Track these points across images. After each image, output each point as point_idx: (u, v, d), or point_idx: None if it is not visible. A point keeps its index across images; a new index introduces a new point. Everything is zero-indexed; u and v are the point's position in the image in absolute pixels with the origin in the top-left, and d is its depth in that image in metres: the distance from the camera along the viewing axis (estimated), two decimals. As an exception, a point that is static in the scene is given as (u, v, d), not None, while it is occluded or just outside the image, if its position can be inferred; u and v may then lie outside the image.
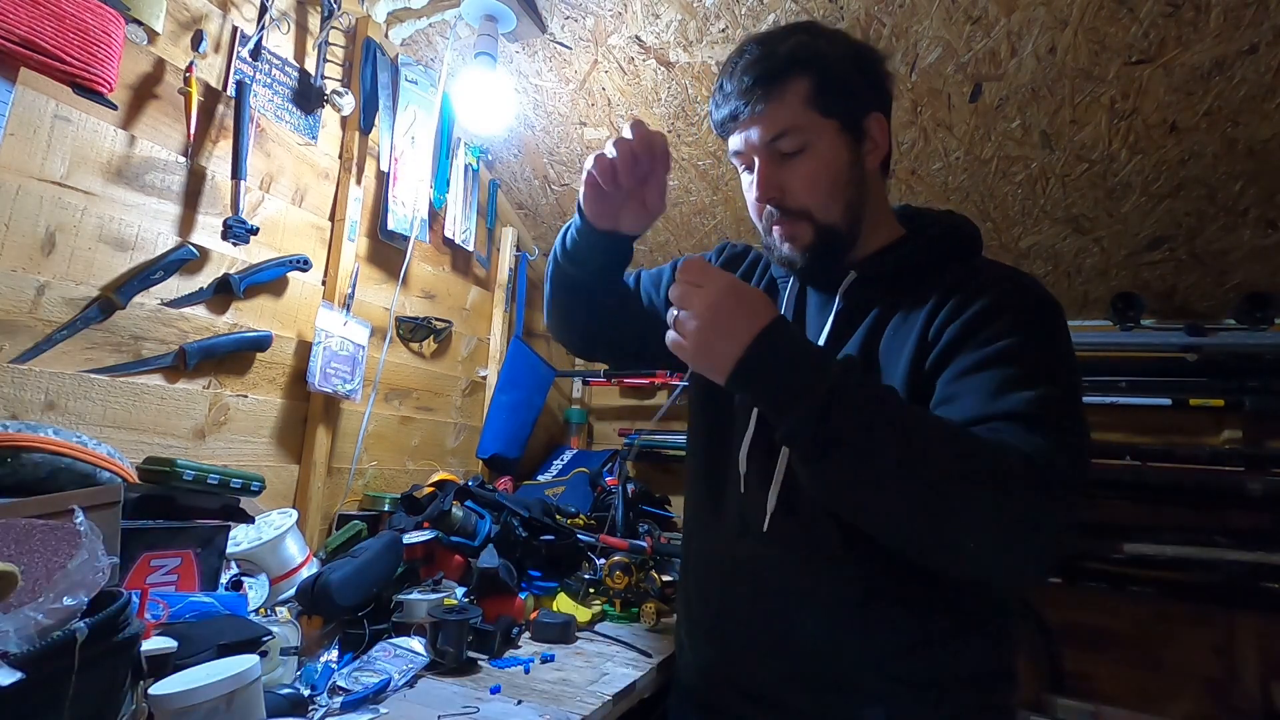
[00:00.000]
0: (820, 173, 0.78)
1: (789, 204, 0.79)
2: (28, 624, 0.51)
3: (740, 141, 0.80)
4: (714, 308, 0.63)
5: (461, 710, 0.83)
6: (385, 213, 1.56)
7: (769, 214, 0.81)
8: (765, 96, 0.76)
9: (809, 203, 0.78)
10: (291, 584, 1.05)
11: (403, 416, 1.67)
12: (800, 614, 0.76)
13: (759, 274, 0.99)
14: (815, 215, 0.79)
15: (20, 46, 0.90)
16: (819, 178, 0.78)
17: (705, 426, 0.93)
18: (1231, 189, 1.41)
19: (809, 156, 0.77)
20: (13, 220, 0.95)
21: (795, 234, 0.80)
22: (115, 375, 1.06)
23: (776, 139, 0.77)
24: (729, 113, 0.79)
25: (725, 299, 0.63)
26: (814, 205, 0.79)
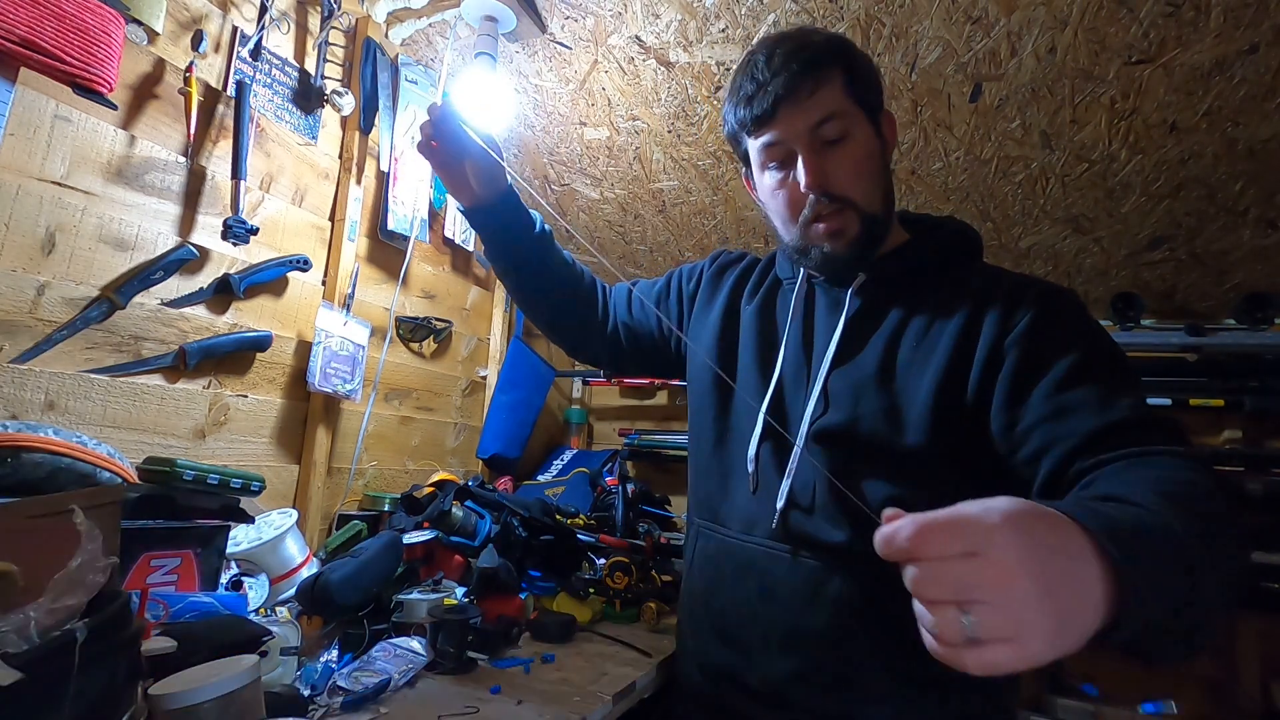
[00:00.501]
0: (863, 159, 0.78)
1: (835, 190, 0.77)
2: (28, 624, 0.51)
3: (779, 132, 0.78)
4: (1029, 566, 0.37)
5: (461, 710, 0.83)
6: (385, 213, 1.56)
7: (814, 204, 0.78)
8: (814, 83, 0.76)
9: (854, 190, 0.78)
10: (291, 584, 1.05)
11: (403, 416, 1.67)
12: (808, 612, 0.76)
13: (757, 277, 0.99)
14: (860, 203, 0.78)
15: (20, 46, 0.90)
16: (862, 164, 0.78)
17: (709, 427, 0.93)
18: (1231, 189, 1.41)
19: (851, 144, 0.77)
20: (13, 220, 0.95)
21: (843, 226, 0.79)
22: (115, 375, 1.06)
23: (822, 124, 0.76)
24: (770, 102, 0.76)
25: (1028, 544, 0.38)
26: (859, 193, 0.78)
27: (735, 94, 0.81)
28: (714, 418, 0.92)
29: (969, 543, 0.37)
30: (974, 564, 0.37)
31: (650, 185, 1.84)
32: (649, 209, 1.92)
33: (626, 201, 1.92)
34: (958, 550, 0.37)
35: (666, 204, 1.89)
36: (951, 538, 0.38)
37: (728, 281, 1.01)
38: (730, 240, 1.94)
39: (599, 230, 2.07)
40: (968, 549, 0.37)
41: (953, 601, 0.38)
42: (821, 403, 0.80)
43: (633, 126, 1.69)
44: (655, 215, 1.94)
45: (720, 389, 0.91)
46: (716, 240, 1.95)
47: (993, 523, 0.38)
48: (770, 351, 0.89)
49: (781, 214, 0.83)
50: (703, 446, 0.94)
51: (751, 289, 0.98)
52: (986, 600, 0.37)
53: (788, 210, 0.81)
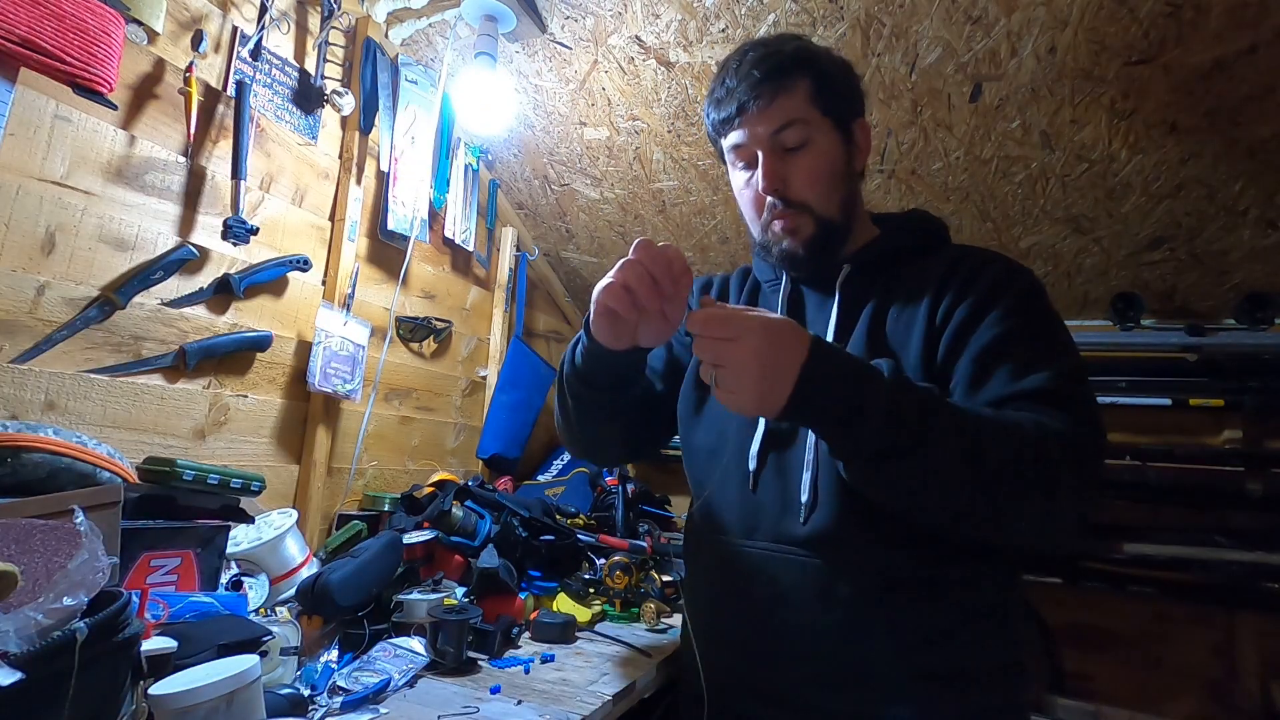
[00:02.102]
0: (822, 167, 0.82)
1: (791, 196, 0.82)
2: (28, 624, 0.51)
3: (743, 135, 0.83)
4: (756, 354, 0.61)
5: (461, 710, 0.83)
6: (385, 213, 1.56)
7: (771, 206, 0.83)
8: (773, 90, 0.80)
9: (810, 195, 0.82)
10: (291, 584, 1.05)
11: (403, 416, 1.67)
12: (820, 612, 0.75)
13: (735, 288, 1.01)
14: (815, 208, 0.82)
15: (20, 46, 0.90)
16: (820, 172, 0.82)
17: (706, 428, 0.92)
18: (1231, 189, 1.41)
19: (811, 151, 0.81)
20: (13, 220, 0.95)
21: (797, 226, 0.83)
22: (115, 375, 1.06)
23: (782, 130, 0.80)
24: (735, 108, 0.82)
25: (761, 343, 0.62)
26: (814, 198, 0.82)
27: (710, 96, 0.86)
28: (705, 427, 0.92)
29: (731, 331, 0.62)
30: (728, 344, 0.62)
31: (650, 185, 1.84)
32: (649, 209, 1.92)
33: (626, 201, 1.92)
34: (723, 334, 0.62)
35: (666, 204, 1.89)
36: (722, 326, 0.63)
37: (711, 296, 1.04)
38: (730, 240, 1.94)
39: (599, 230, 2.07)
40: (729, 335, 0.62)
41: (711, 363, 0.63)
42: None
43: (633, 126, 1.69)
44: (655, 215, 1.94)
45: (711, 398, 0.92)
46: (716, 240, 1.95)
47: (750, 322, 0.62)
48: None
49: (747, 212, 0.88)
50: (697, 458, 0.94)
51: (732, 299, 1.00)
52: (726, 365, 0.62)
53: (752, 209, 0.87)
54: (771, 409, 0.63)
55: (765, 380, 0.62)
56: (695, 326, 0.64)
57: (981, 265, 0.81)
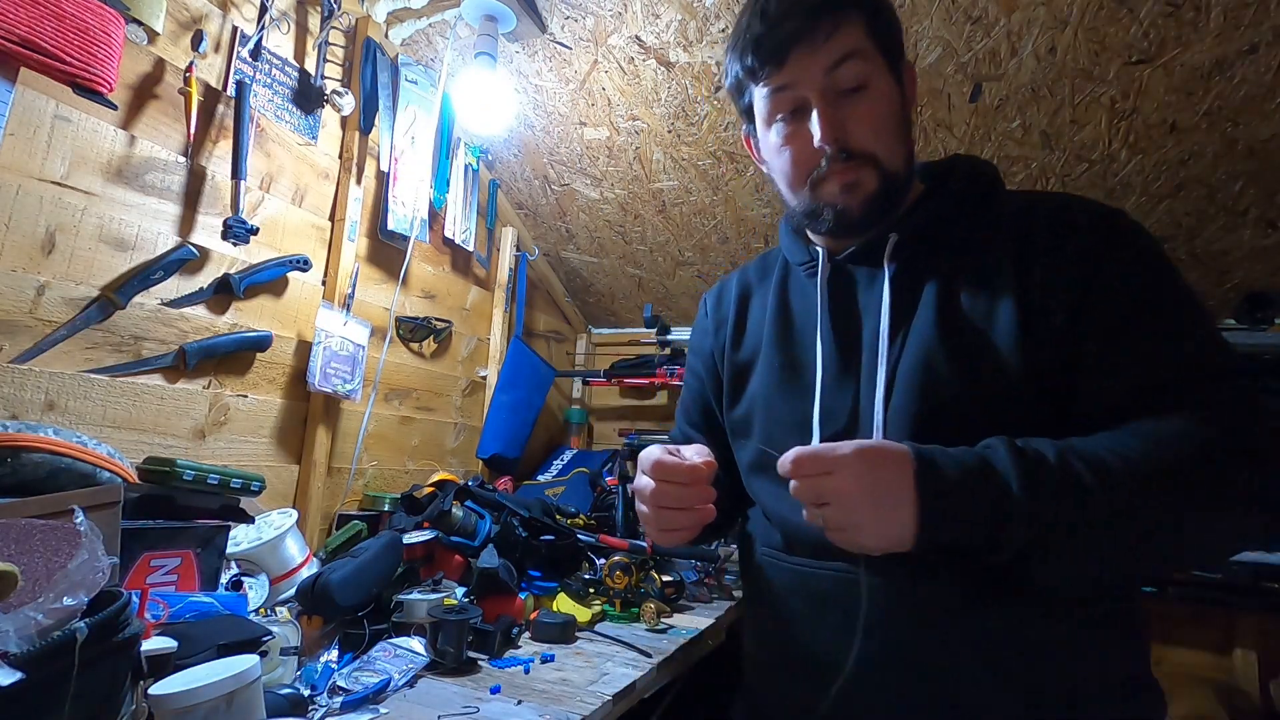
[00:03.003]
0: (885, 110, 0.69)
1: (854, 145, 0.68)
2: (28, 624, 0.51)
3: (788, 76, 0.69)
4: (858, 480, 0.55)
5: (461, 710, 0.83)
6: (385, 213, 1.56)
7: (831, 158, 0.69)
8: (826, 19, 0.67)
9: (876, 144, 0.69)
10: (291, 584, 1.05)
11: (403, 416, 1.67)
12: (907, 638, 0.65)
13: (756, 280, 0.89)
14: (881, 159, 0.69)
15: (20, 46, 0.90)
16: (884, 116, 0.69)
17: (754, 449, 0.81)
18: (1231, 189, 1.41)
19: (872, 93, 0.68)
20: (13, 220, 0.95)
21: (859, 180, 0.69)
22: (115, 375, 1.06)
23: (838, 66, 0.67)
24: (778, 43, 0.68)
25: (861, 468, 0.55)
26: (881, 147, 0.69)
27: (740, 37, 0.72)
28: (764, 429, 0.80)
29: (825, 466, 0.56)
30: (826, 480, 0.56)
31: (650, 185, 1.84)
32: (649, 209, 1.92)
33: (626, 201, 1.92)
34: (818, 471, 0.57)
35: (666, 204, 1.89)
36: (814, 464, 0.57)
37: (727, 309, 0.91)
38: (730, 240, 1.94)
39: (599, 230, 2.07)
40: (823, 470, 0.57)
41: (814, 504, 0.57)
42: (889, 385, 0.69)
43: (633, 126, 1.69)
44: (655, 215, 1.94)
45: (769, 392, 0.80)
46: (716, 240, 1.95)
47: (844, 453, 0.56)
48: (799, 349, 0.78)
49: (788, 173, 0.73)
50: (751, 473, 0.83)
51: (759, 295, 0.88)
52: (830, 502, 0.56)
53: (795, 169, 0.72)
54: (900, 538, 0.55)
55: (879, 507, 0.55)
56: (785, 472, 0.58)
57: (1071, 215, 0.67)
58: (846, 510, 0.56)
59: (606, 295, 2.34)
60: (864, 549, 0.57)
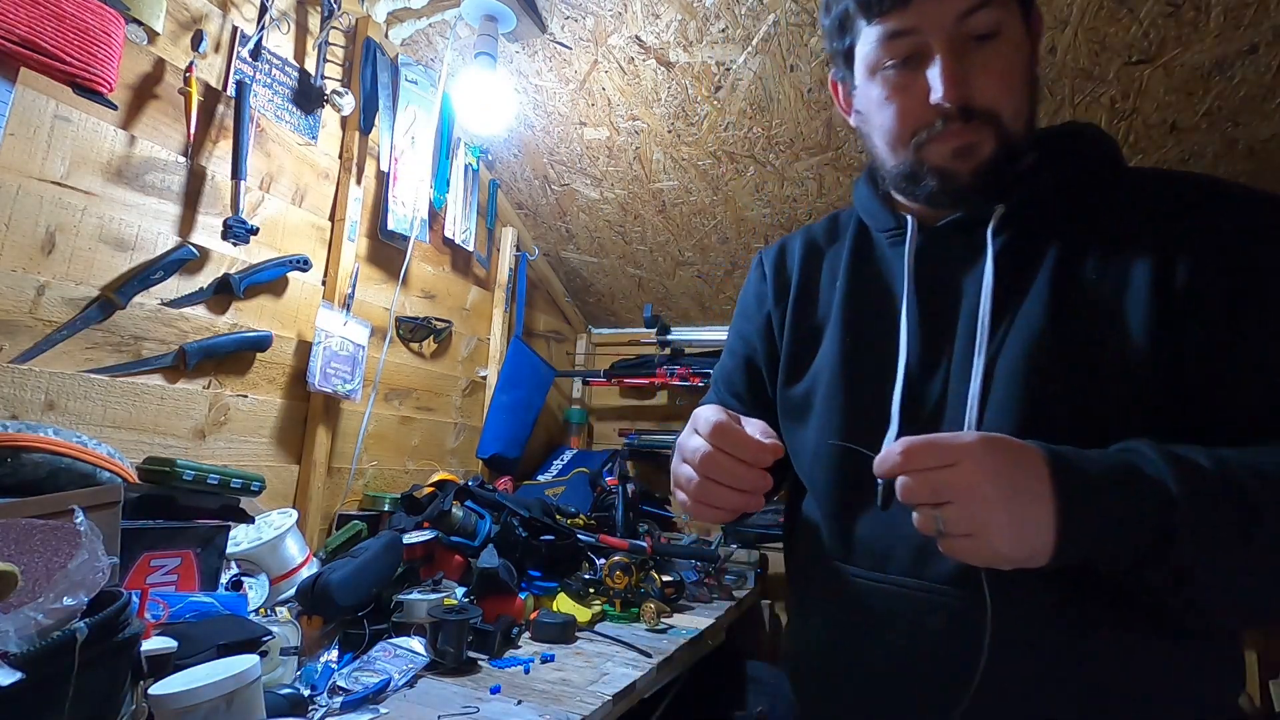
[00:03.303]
0: (1015, 64, 0.60)
1: (978, 102, 0.59)
2: (28, 624, 0.51)
3: (911, 18, 0.60)
4: (992, 475, 0.46)
5: (461, 710, 0.83)
6: (385, 213, 1.56)
7: (948, 116, 0.60)
8: None
9: (1001, 103, 0.60)
10: (291, 584, 1.05)
11: (403, 416, 1.67)
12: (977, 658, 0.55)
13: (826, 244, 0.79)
14: (1004, 119, 0.60)
15: (20, 46, 0.90)
16: (1014, 70, 0.60)
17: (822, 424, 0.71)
18: (1231, 189, 1.41)
19: (1003, 43, 0.59)
20: (13, 220, 0.95)
21: (976, 143, 0.60)
22: (115, 375, 1.06)
23: (973, 11, 0.58)
24: None
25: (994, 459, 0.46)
26: (1006, 106, 0.60)
27: None
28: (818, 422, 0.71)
29: (946, 457, 0.47)
30: (947, 473, 0.47)
31: (650, 185, 1.84)
32: (649, 209, 1.92)
33: (626, 201, 1.92)
34: (937, 463, 0.47)
35: (666, 204, 1.89)
36: (933, 453, 0.47)
37: (789, 270, 0.81)
38: (730, 240, 1.94)
39: (599, 230, 2.07)
40: (945, 462, 0.47)
41: (929, 503, 0.47)
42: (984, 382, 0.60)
43: (633, 126, 1.69)
44: (655, 215, 1.94)
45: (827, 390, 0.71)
46: (716, 240, 1.95)
47: (967, 442, 0.47)
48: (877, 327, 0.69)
49: (890, 130, 0.64)
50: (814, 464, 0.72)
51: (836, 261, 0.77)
52: (954, 501, 0.46)
53: (901, 125, 0.63)
54: (1037, 547, 0.46)
55: (1014, 505, 0.46)
56: (895, 464, 0.48)
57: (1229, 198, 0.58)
58: (975, 509, 0.46)
59: (606, 295, 2.34)
60: (993, 559, 0.47)
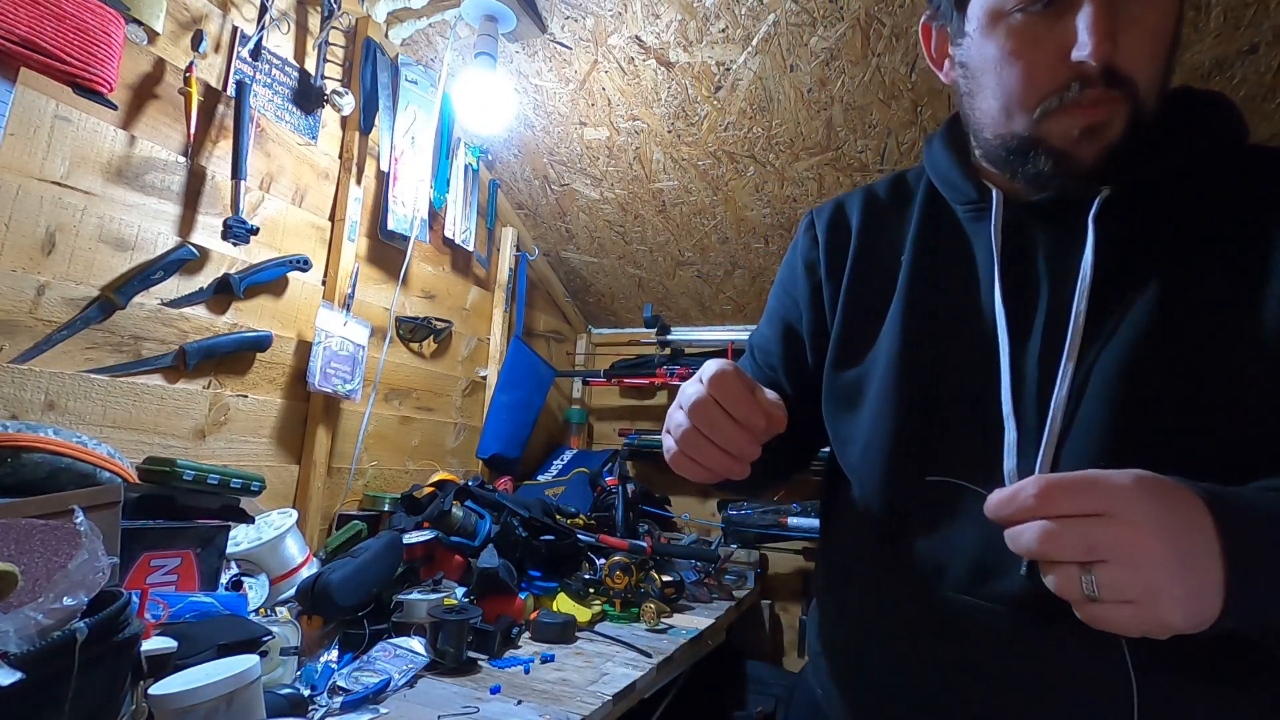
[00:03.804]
0: (1164, 29, 0.52)
1: (1122, 67, 0.50)
2: (28, 624, 0.51)
3: None
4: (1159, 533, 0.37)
5: (461, 710, 0.83)
6: (385, 213, 1.56)
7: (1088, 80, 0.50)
8: None
9: (1145, 71, 0.51)
10: (291, 584, 1.05)
11: (403, 416, 1.67)
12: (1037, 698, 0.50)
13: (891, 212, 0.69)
14: (1142, 91, 0.51)
15: (20, 46, 0.90)
16: (1162, 35, 0.52)
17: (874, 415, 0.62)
18: (1231, 189, 1.41)
19: (1156, 3, 0.51)
20: (13, 220, 0.95)
21: (1109, 119, 0.51)
22: (115, 375, 1.06)
23: None
24: None
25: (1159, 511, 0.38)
26: (1147, 75, 0.51)
27: None
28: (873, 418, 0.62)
29: (1100, 503, 0.38)
30: (1102, 524, 0.38)
31: (650, 185, 1.84)
32: (649, 209, 1.92)
33: (626, 201, 1.92)
34: (1087, 509, 0.38)
35: (666, 204, 1.89)
36: (1082, 496, 0.38)
37: (849, 240, 0.70)
38: (730, 240, 1.94)
39: (599, 230, 2.07)
40: (1097, 509, 0.38)
41: (1078, 561, 0.38)
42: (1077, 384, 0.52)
43: (633, 126, 1.69)
44: (655, 215, 1.94)
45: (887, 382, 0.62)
46: (716, 240, 1.95)
47: (1125, 484, 0.38)
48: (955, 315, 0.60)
49: (1012, 92, 0.54)
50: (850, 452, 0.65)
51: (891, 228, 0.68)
52: (1113, 560, 0.37)
53: (1028, 86, 0.53)
54: (1205, 612, 0.38)
55: (1186, 570, 0.37)
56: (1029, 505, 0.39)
57: None
58: (1139, 572, 0.37)
59: (606, 295, 2.34)
60: (1157, 630, 0.38)
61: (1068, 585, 0.39)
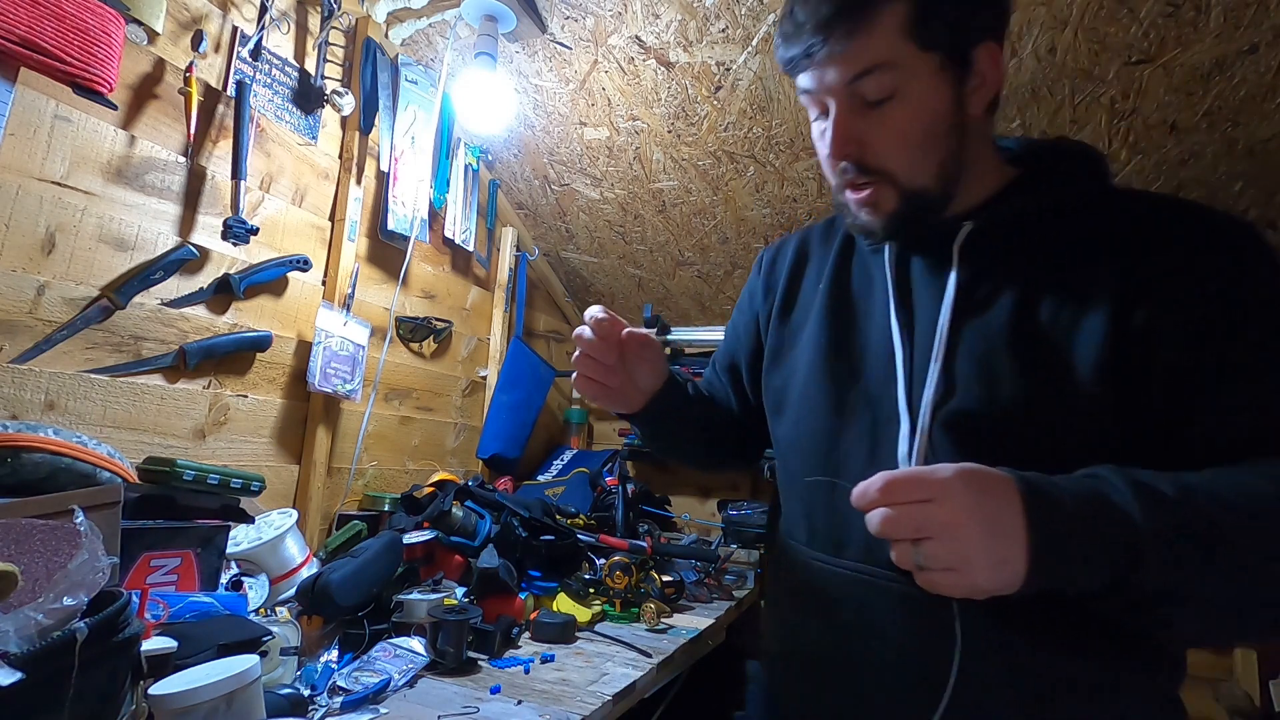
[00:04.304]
0: (912, 124, 0.63)
1: (870, 162, 0.64)
2: (28, 624, 0.51)
3: (811, 80, 0.64)
4: (972, 511, 0.47)
5: (461, 710, 0.83)
6: (385, 213, 1.56)
7: (844, 171, 0.66)
8: (849, 30, 0.60)
9: (895, 163, 0.64)
10: (291, 584, 1.05)
11: (403, 416, 1.67)
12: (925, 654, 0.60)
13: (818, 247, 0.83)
14: (900, 178, 0.64)
15: (20, 46, 0.90)
16: (910, 131, 0.63)
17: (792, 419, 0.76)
18: (1231, 189, 1.41)
19: (900, 103, 0.62)
20: (13, 220, 0.95)
21: (876, 199, 0.65)
22: (115, 375, 1.06)
23: (860, 78, 0.61)
24: (800, 50, 0.63)
25: (972, 496, 0.47)
26: (901, 166, 0.64)
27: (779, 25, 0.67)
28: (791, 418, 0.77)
29: (927, 492, 0.47)
30: (928, 508, 0.47)
31: (650, 185, 1.84)
32: (649, 209, 1.92)
33: (626, 201, 1.92)
34: (917, 497, 0.48)
35: (666, 204, 1.89)
36: (913, 488, 0.48)
37: (782, 268, 0.86)
38: (730, 240, 1.94)
39: (599, 230, 2.07)
40: (925, 497, 0.47)
41: (909, 538, 0.48)
42: (944, 383, 0.63)
43: (633, 126, 1.69)
44: (655, 215, 1.94)
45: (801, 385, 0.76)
46: (716, 240, 1.95)
47: (946, 476, 0.48)
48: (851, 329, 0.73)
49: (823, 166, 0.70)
50: (780, 452, 0.80)
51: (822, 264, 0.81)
52: (936, 537, 0.47)
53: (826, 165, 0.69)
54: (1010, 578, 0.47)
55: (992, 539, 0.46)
56: (875, 497, 0.49)
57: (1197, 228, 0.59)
58: (956, 546, 0.47)
59: (606, 295, 2.34)
60: (971, 592, 0.48)
61: (904, 557, 0.49)
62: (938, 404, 0.62)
